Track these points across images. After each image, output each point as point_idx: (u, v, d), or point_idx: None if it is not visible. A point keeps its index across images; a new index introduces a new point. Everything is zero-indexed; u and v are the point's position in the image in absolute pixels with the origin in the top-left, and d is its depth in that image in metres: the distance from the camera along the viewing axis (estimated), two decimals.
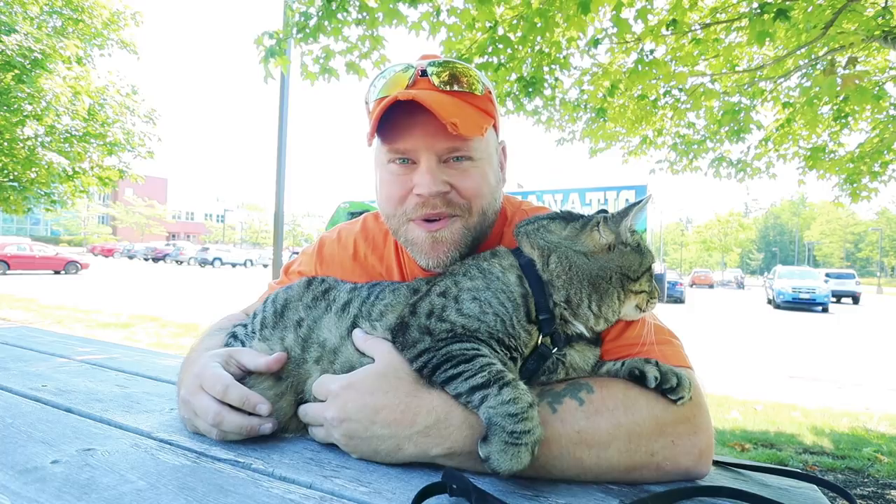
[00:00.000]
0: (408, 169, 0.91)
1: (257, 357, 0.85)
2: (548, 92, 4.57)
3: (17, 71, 7.17)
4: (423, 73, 0.91)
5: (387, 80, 0.92)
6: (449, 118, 0.82)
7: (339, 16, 3.47)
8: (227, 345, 0.95)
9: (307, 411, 0.82)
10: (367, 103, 0.97)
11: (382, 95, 0.91)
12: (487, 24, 3.74)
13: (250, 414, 0.80)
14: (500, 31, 3.90)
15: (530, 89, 4.17)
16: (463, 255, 0.93)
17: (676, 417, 0.74)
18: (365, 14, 3.46)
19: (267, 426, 0.81)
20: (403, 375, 0.76)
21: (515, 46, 3.92)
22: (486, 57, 3.96)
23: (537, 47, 4.09)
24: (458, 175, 0.90)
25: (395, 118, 0.87)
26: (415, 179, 0.89)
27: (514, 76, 4.21)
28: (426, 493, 0.61)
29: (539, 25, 3.62)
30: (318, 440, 0.82)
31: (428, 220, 0.91)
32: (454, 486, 0.62)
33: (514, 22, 3.89)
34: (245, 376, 0.85)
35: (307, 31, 3.50)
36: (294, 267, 1.23)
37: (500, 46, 3.87)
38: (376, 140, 0.94)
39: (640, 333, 0.85)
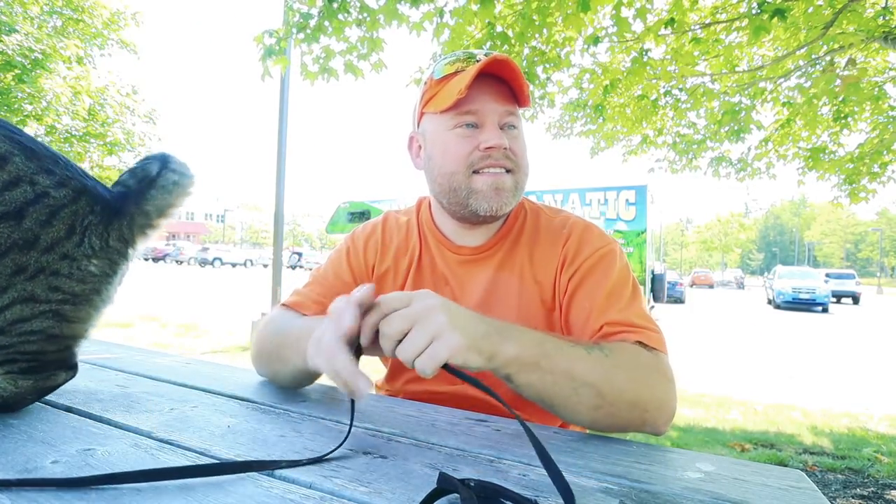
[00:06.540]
0: (473, 132, 1.05)
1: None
2: (538, 92, 4.58)
3: (17, 71, 7.18)
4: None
5: (451, 62, 1.07)
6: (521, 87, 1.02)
7: (340, 16, 3.49)
8: None
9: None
10: (424, 83, 1.11)
11: (456, 70, 1.05)
12: (486, 21, 3.75)
13: None
14: (499, 28, 3.91)
15: None
16: (513, 205, 1.08)
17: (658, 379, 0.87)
18: (366, 15, 3.48)
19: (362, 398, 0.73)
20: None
21: (512, 42, 3.93)
22: (483, 49, 3.98)
23: (534, 43, 4.10)
24: (511, 140, 1.06)
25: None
26: (483, 137, 1.03)
27: None
28: (434, 494, 0.61)
29: (537, 23, 3.63)
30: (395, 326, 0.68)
31: (492, 168, 1.06)
32: (462, 485, 0.62)
33: (513, 19, 3.90)
34: None
35: (308, 31, 3.52)
36: (307, 291, 1.16)
37: (498, 43, 3.89)
38: (434, 116, 1.07)
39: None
